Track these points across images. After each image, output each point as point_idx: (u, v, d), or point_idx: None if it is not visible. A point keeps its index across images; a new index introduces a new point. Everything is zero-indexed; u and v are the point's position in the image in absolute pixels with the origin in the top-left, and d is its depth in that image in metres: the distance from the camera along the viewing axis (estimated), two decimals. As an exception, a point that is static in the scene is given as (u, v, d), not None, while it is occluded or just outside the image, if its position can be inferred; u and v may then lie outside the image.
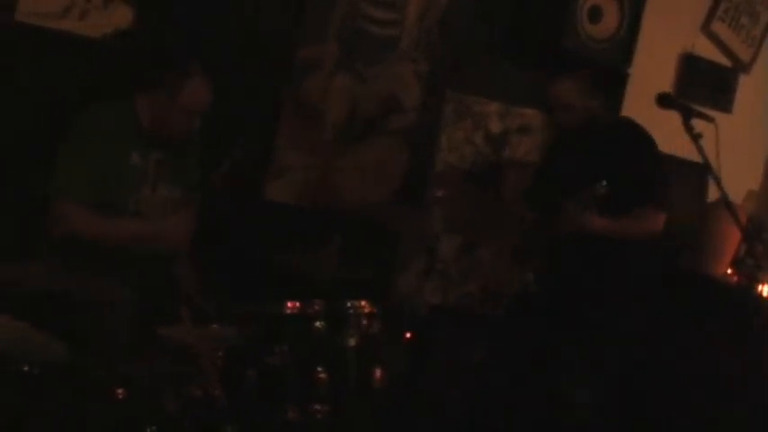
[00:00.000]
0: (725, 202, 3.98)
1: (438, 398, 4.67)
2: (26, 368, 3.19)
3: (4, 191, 4.25)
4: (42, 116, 4.31)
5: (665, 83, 6.02)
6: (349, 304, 3.88)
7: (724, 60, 6.29)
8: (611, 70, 5.45)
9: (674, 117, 4.08)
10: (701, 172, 5.48)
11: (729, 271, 5.84)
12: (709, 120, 4.04)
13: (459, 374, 4.92)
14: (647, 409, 5.12)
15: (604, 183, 4.31)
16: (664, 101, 4.16)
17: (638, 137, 4.70)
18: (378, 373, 3.87)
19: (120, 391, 3.34)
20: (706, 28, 6.19)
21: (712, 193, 5.86)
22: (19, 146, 4.30)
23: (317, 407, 3.73)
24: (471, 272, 5.58)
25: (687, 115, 4.01)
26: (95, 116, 4.02)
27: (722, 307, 5.44)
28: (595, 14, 5.51)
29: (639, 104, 5.70)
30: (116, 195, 4.02)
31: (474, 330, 5.13)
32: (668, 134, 4.52)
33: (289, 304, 3.78)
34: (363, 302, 3.90)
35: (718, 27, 6.21)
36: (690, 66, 6.13)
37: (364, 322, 3.89)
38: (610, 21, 5.56)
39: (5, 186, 4.25)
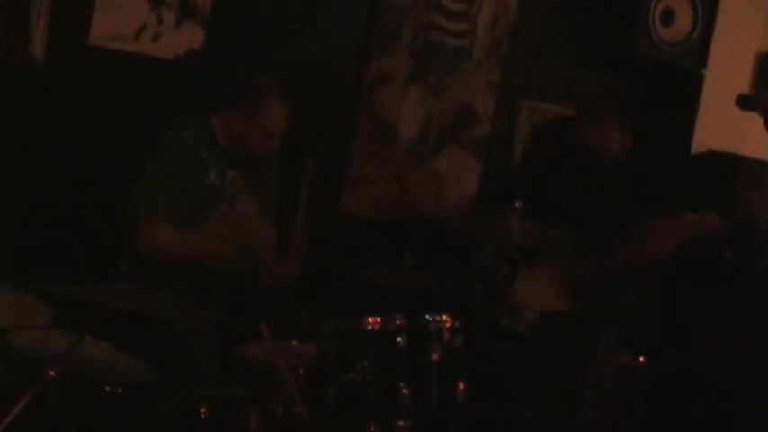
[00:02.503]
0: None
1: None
2: (108, 388, 3.20)
3: (85, 210, 4.28)
4: (118, 136, 4.34)
5: (742, 83, 5.93)
6: (430, 318, 3.84)
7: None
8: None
9: (753, 118, 4.01)
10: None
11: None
12: (793, 121, 3.97)
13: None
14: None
15: None
16: (745, 102, 4.08)
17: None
18: (461, 387, 3.84)
19: (202, 410, 3.34)
20: (782, 26, 6.10)
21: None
22: (99, 168, 4.33)
23: (400, 422, 3.70)
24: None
25: (768, 117, 3.94)
26: (178, 135, 4.04)
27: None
28: (668, 18, 5.46)
29: (715, 106, 5.64)
30: (195, 213, 4.04)
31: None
32: (748, 135, 4.45)
33: (369, 320, 3.75)
34: (445, 316, 3.87)
35: (795, 25, 6.11)
36: (766, 65, 6.03)
37: (446, 336, 3.86)
38: (683, 23, 5.51)
39: (87, 206, 4.28)
